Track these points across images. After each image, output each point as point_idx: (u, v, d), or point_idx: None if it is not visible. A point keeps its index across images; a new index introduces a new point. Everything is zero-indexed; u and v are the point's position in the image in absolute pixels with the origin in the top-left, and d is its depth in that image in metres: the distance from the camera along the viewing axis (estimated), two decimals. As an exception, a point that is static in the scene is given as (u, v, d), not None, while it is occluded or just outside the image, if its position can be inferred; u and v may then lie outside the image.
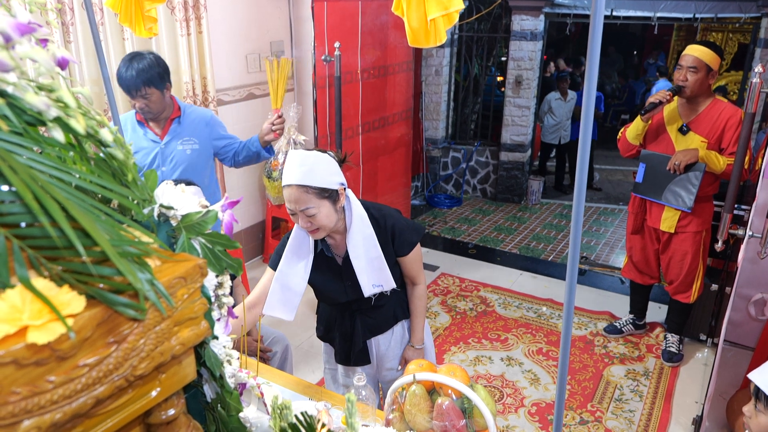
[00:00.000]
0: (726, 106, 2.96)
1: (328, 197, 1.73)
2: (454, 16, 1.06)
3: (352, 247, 1.81)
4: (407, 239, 1.88)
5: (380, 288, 1.87)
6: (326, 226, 1.75)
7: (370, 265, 1.83)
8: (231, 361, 0.95)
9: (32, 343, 0.55)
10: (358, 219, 1.81)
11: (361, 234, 1.81)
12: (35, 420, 0.57)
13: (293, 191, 1.69)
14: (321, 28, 3.29)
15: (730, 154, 2.91)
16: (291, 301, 1.87)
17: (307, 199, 1.69)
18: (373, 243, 1.82)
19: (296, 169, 1.69)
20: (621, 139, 3.25)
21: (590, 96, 0.85)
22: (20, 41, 0.57)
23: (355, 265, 1.82)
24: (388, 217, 1.88)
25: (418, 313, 2.02)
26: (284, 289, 1.86)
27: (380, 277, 1.85)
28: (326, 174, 1.71)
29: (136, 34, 1.75)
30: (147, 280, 0.63)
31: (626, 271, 3.55)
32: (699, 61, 2.89)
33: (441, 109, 6.41)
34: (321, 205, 1.71)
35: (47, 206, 0.53)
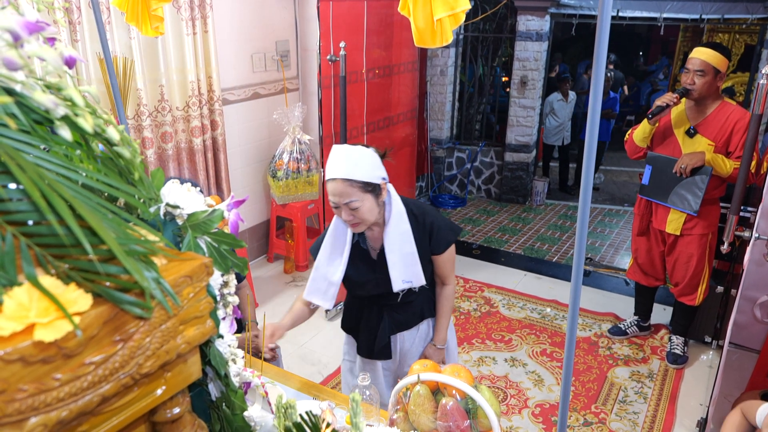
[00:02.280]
0: (734, 109, 2.92)
1: (372, 191, 1.77)
2: (461, 16, 1.06)
3: (388, 241, 1.84)
4: (444, 237, 1.92)
5: (409, 284, 1.89)
6: (368, 220, 1.79)
7: (402, 261, 1.86)
8: (236, 360, 0.95)
9: (39, 340, 0.55)
10: (397, 214, 1.84)
11: (398, 229, 1.84)
12: (41, 417, 0.57)
13: (338, 185, 1.73)
14: (326, 28, 3.28)
15: (737, 157, 2.88)
16: (329, 291, 1.92)
17: (352, 192, 1.73)
18: (408, 239, 1.85)
19: (341, 163, 1.73)
20: (628, 141, 3.23)
21: (596, 97, 0.85)
22: (29, 40, 0.57)
23: (388, 258, 1.85)
24: (427, 214, 1.91)
25: (443, 313, 2.04)
26: (323, 279, 1.93)
27: (411, 273, 1.87)
28: (370, 168, 1.76)
29: (143, 33, 1.76)
30: (153, 278, 0.63)
31: (631, 272, 3.53)
32: (706, 64, 2.86)
33: (446, 110, 6.41)
34: (364, 198, 1.75)
35: (55, 204, 0.53)
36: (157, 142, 3.52)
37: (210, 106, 3.75)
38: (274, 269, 4.50)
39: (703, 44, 3.00)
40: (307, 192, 4.26)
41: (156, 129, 3.50)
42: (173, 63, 3.47)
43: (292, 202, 4.27)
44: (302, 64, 4.59)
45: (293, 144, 4.14)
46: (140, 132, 3.37)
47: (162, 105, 3.49)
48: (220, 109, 3.79)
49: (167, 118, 3.52)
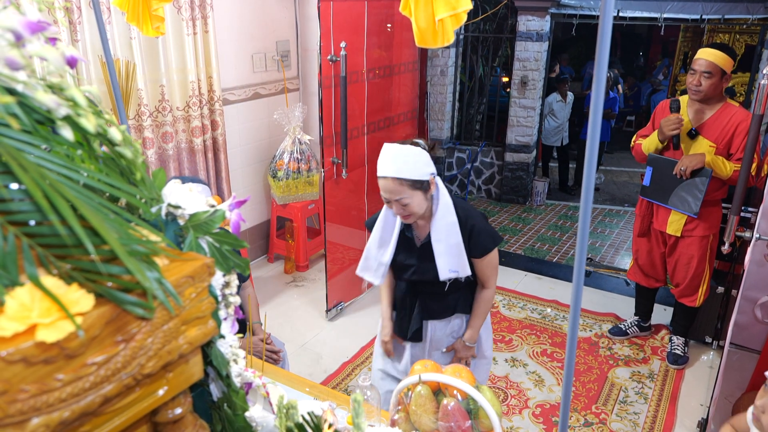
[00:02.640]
0: (737, 111, 2.90)
1: (421, 188, 1.85)
2: (462, 16, 1.06)
3: (435, 231, 1.92)
4: (482, 243, 1.97)
5: (456, 273, 1.95)
6: (417, 213, 1.88)
7: (449, 251, 1.92)
8: (237, 361, 0.95)
9: (41, 341, 0.55)
10: (444, 207, 1.92)
11: (445, 220, 1.92)
12: (43, 418, 0.57)
13: (389, 183, 1.82)
14: (327, 28, 3.28)
15: (738, 159, 2.86)
16: (379, 270, 2.05)
17: (402, 190, 1.81)
18: (455, 230, 1.92)
19: (391, 162, 1.81)
20: (636, 149, 3.22)
21: (598, 97, 0.85)
22: (30, 39, 0.57)
23: (435, 248, 1.92)
24: (470, 217, 1.97)
25: (479, 313, 2.10)
26: (374, 260, 2.05)
27: (458, 263, 1.94)
28: (419, 166, 1.82)
29: (144, 33, 1.75)
30: (155, 278, 0.63)
31: (632, 273, 3.53)
32: (714, 65, 2.84)
33: (446, 110, 6.40)
34: (414, 195, 1.84)
35: (57, 205, 0.53)
36: (158, 142, 3.52)
37: (210, 106, 3.75)
38: (275, 269, 4.50)
39: (709, 45, 2.97)
40: (308, 192, 4.26)
41: (156, 129, 3.50)
42: (174, 63, 3.47)
43: (293, 203, 4.27)
44: (303, 64, 4.59)
45: (294, 144, 4.14)
46: (141, 132, 3.37)
47: (162, 105, 3.49)
48: (221, 109, 3.79)
49: (168, 118, 3.52)
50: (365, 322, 3.78)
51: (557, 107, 6.57)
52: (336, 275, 3.80)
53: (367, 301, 4.05)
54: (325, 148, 3.47)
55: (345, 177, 3.64)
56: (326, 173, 3.53)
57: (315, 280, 4.31)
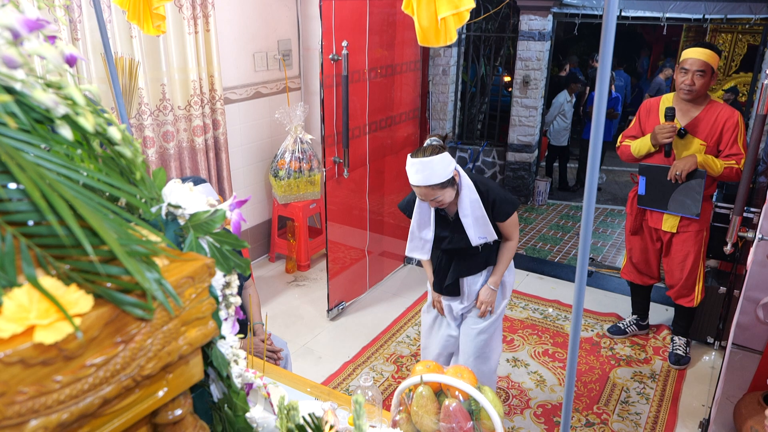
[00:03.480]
0: (723, 108, 2.95)
1: (449, 184, 2.19)
2: (465, 15, 1.05)
3: (462, 208, 2.28)
4: (503, 210, 2.33)
5: (484, 239, 2.33)
6: (447, 201, 2.24)
7: (476, 222, 2.29)
8: (238, 361, 0.95)
9: (39, 342, 0.54)
10: (467, 188, 2.26)
11: (469, 198, 2.26)
12: (42, 420, 0.56)
13: (423, 190, 2.18)
14: (329, 27, 3.27)
15: (727, 156, 2.92)
16: (425, 247, 2.42)
17: (434, 192, 2.17)
18: (479, 205, 2.27)
19: (420, 174, 2.14)
20: (623, 151, 3.22)
21: (602, 96, 0.84)
22: (28, 37, 0.56)
23: (464, 222, 2.29)
24: (490, 190, 2.31)
25: (502, 260, 2.47)
26: (418, 240, 2.42)
27: (485, 231, 2.31)
28: (443, 169, 2.15)
29: (145, 31, 1.75)
30: (155, 279, 0.63)
31: (626, 272, 3.52)
32: (706, 64, 2.88)
33: (448, 109, 6.40)
34: (444, 191, 2.19)
35: (55, 204, 0.52)
36: (159, 142, 3.52)
37: (212, 105, 3.75)
38: (276, 269, 4.50)
39: (697, 44, 3.00)
40: (309, 191, 4.25)
41: (157, 128, 3.50)
42: (175, 62, 3.46)
43: (294, 202, 4.27)
44: (304, 63, 4.58)
45: (295, 143, 4.13)
46: (142, 131, 3.37)
47: (163, 104, 3.48)
48: (222, 109, 3.78)
49: (169, 118, 3.51)
50: (367, 321, 3.78)
51: (568, 107, 6.57)
52: (337, 275, 3.79)
53: (369, 301, 4.05)
54: (326, 148, 3.46)
55: (346, 176, 3.63)
56: (328, 172, 3.52)
57: (316, 280, 4.31)
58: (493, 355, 2.61)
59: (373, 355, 3.42)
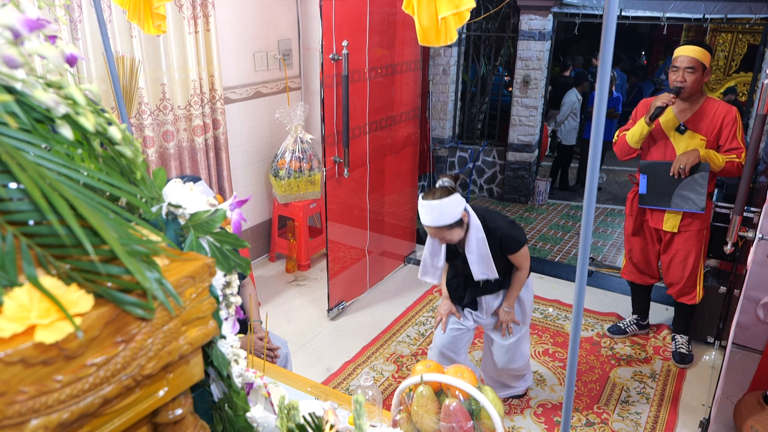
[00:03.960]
0: (720, 104, 2.97)
1: (458, 224, 2.34)
2: (465, 15, 1.05)
3: (468, 245, 2.42)
4: (510, 247, 2.50)
5: (486, 276, 2.49)
6: (456, 240, 2.40)
7: (480, 260, 2.44)
8: (238, 361, 0.95)
9: (40, 342, 0.54)
10: (474, 227, 2.41)
11: (476, 237, 2.41)
12: (42, 419, 0.56)
13: (433, 230, 2.35)
14: (329, 27, 3.27)
15: (727, 151, 2.94)
16: (435, 273, 2.60)
17: (443, 232, 2.34)
18: (484, 244, 2.42)
19: (429, 215, 2.29)
20: (619, 143, 3.21)
21: (602, 96, 0.84)
22: (29, 37, 0.56)
23: (468, 258, 2.44)
24: (497, 228, 2.46)
25: (515, 285, 2.65)
26: (430, 266, 2.59)
27: (488, 269, 2.46)
28: (452, 211, 2.29)
29: (145, 31, 1.75)
30: (155, 279, 0.63)
31: (626, 272, 3.52)
32: (696, 60, 2.91)
33: (448, 109, 6.40)
34: (453, 232, 2.35)
35: (55, 204, 0.52)
36: (159, 141, 3.52)
37: (212, 105, 3.75)
38: (276, 268, 4.50)
39: (686, 42, 3.05)
40: (309, 191, 4.25)
41: (157, 128, 3.50)
42: (175, 61, 3.46)
43: (294, 202, 4.27)
44: (304, 63, 4.58)
45: (295, 143, 4.13)
46: (142, 131, 3.37)
47: (163, 104, 3.48)
48: (222, 108, 3.78)
49: (169, 117, 3.51)
50: (367, 321, 3.78)
51: (578, 106, 6.60)
52: (338, 274, 3.79)
53: (369, 301, 4.05)
54: (326, 147, 3.46)
55: (347, 176, 3.63)
56: (328, 172, 3.52)
57: (316, 280, 4.31)
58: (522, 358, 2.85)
59: (373, 354, 3.42)
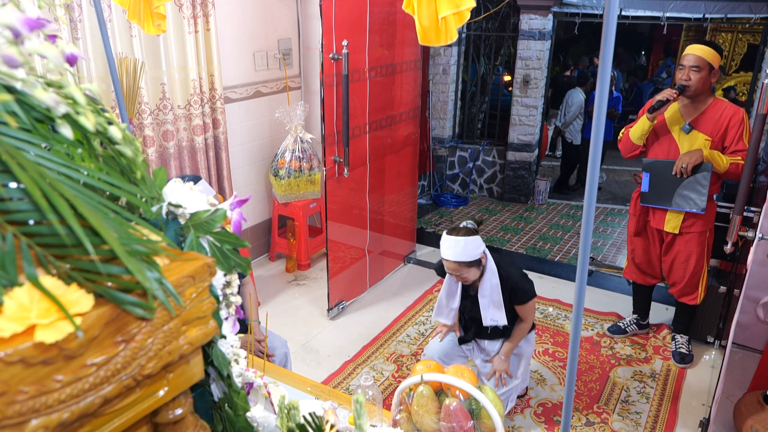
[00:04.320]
0: (727, 105, 2.96)
1: (475, 264, 2.42)
2: (465, 14, 1.05)
3: (482, 289, 2.51)
4: (519, 298, 2.55)
5: (495, 322, 2.55)
6: (471, 279, 2.47)
7: (491, 305, 2.52)
8: (239, 361, 0.95)
9: (40, 341, 0.54)
10: (490, 271, 2.49)
11: (490, 282, 2.49)
12: (42, 419, 0.56)
13: (451, 264, 2.41)
14: (329, 26, 3.27)
15: (732, 152, 2.92)
16: (450, 314, 2.71)
17: (461, 269, 2.41)
18: (497, 290, 2.49)
19: (452, 249, 2.38)
20: (623, 140, 3.22)
21: (602, 96, 0.84)
22: (29, 37, 0.56)
23: (480, 302, 2.53)
24: (510, 277, 2.53)
25: (514, 337, 2.68)
26: (445, 307, 2.70)
27: (498, 315, 2.53)
28: (473, 250, 2.38)
29: (145, 31, 1.75)
30: (155, 278, 0.63)
31: (628, 272, 3.52)
32: (702, 59, 2.89)
33: (448, 108, 6.39)
34: (470, 270, 2.42)
35: (55, 204, 0.52)
36: (159, 141, 3.52)
37: (212, 105, 3.75)
38: (276, 268, 4.50)
39: (696, 41, 3.03)
40: (309, 191, 4.25)
41: (157, 127, 3.50)
42: (175, 61, 3.46)
43: (294, 201, 4.26)
44: (304, 63, 4.58)
45: (295, 143, 4.13)
46: (141, 130, 3.36)
47: (163, 103, 3.48)
48: (222, 108, 3.78)
49: (169, 117, 3.51)
50: (367, 320, 3.78)
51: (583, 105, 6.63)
52: (337, 274, 3.79)
53: (369, 300, 4.05)
54: (326, 147, 3.46)
55: (347, 176, 3.63)
56: (328, 172, 3.52)
57: (316, 279, 4.31)
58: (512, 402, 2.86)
59: (373, 354, 3.42)
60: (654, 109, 2.97)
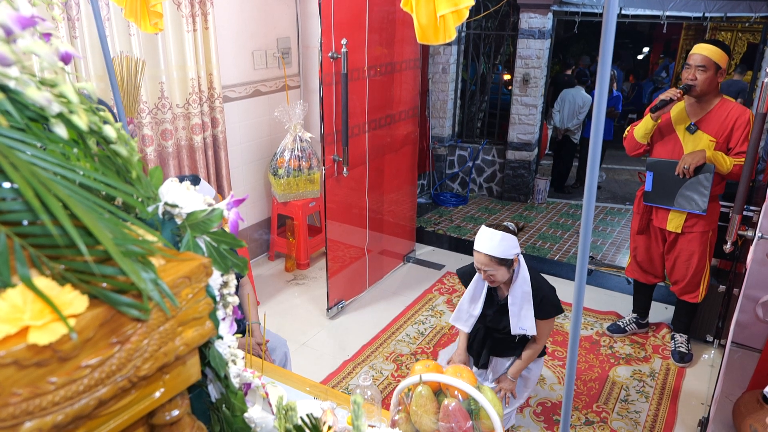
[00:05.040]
0: (734, 106, 2.94)
1: (506, 264, 2.36)
2: (464, 13, 1.04)
3: (512, 296, 2.44)
4: (546, 310, 2.47)
5: (524, 331, 2.45)
6: (499, 281, 2.41)
7: (521, 313, 2.44)
8: (236, 361, 0.94)
9: (33, 343, 0.54)
10: (522, 279, 2.42)
11: (522, 289, 2.42)
12: (36, 422, 0.56)
13: (482, 257, 2.34)
14: (328, 25, 3.26)
15: (737, 154, 2.90)
16: (468, 321, 2.57)
17: (490, 264, 2.34)
18: (528, 298, 2.42)
19: (488, 242, 2.32)
20: (627, 138, 3.22)
21: (602, 94, 0.84)
22: (22, 35, 0.55)
23: (510, 309, 2.44)
24: (541, 288, 2.47)
25: (524, 358, 2.59)
26: (465, 312, 2.58)
27: (528, 324, 2.44)
28: (508, 248, 2.33)
29: (142, 29, 1.74)
30: (151, 279, 0.62)
31: (630, 271, 3.52)
32: (708, 59, 2.87)
33: (447, 107, 6.39)
34: (499, 269, 2.36)
35: (48, 204, 0.52)
36: (157, 140, 3.51)
37: (210, 104, 3.74)
38: (275, 267, 4.49)
39: (704, 41, 3.00)
40: (309, 190, 4.25)
41: (156, 126, 3.49)
42: (173, 60, 3.45)
43: (294, 200, 4.26)
44: (303, 61, 4.57)
45: (294, 142, 4.12)
46: (140, 129, 3.36)
47: (162, 102, 3.47)
48: (221, 107, 3.77)
49: (167, 116, 3.50)
50: (366, 320, 3.77)
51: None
52: (337, 273, 3.79)
53: (368, 300, 4.04)
54: (326, 146, 3.45)
55: (346, 175, 3.63)
56: (327, 171, 3.52)
57: (316, 278, 4.31)
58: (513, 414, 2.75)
59: (372, 353, 3.41)
60: (657, 108, 2.96)
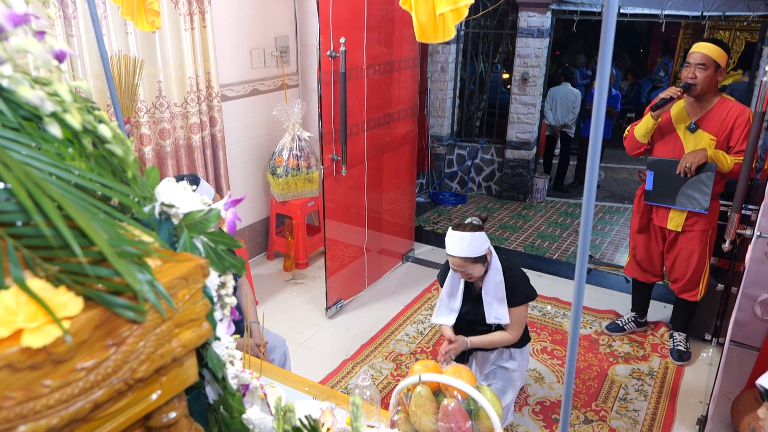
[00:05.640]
0: (734, 105, 2.94)
1: (480, 261, 2.41)
2: (464, 11, 1.03)
3: (486, 286, 2.49)
4: (517, 298, 2.51)
5: (498, 320, 2.50)
6: (475, 276, 2.47)
7: (495, 302, 2.49)
8: (234, 362, 0.93)
9: (27, 346, 0.53)
10: (494, 269, 2.48)
11: (494, 279, 2.48)
12: (31, 425, 0.55)
13: (457, 260, 2.40)
14: (326, 23, 3.25)
15: (737, 152, 2.90)
16: (450, 315, 2.61)
17: (466, 264, 2.39)
18: (501, 287, 2.48)
19: (458, 245, 2.37)
20: (628, 138, 3.21)
21: (601, 93, 0.83)
22: (14, 32, 0.55)
23: (485, 299, 2.49)
24: (513, 276, 2.52)
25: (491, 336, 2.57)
26: (446, 308, 2.63)
27: (501, 312, 2.49)
28: (479, 246, 2.37)
29: (138, 27, 1.73)
30: (147, 281, 0.61)
31: (629, 269, 3.52)
32: (708, 58, 2.87)
33: (446, 106, 6.38)
34: (475, 266, 2.41)
35: (42, 204, 0.51)
36: (155, 139, 3.50)
37: (209, 103, 3.73)
38: (274, 267, 4.48)
39: (703, 39, 3.00)
40: (307, 189, 4.24)
41: (154, 126, 3.48)
42: (171, 59, 3.44)
43: (292, 200, 4.25)
44: (302, 60, 4.56)
45: (293, 141, 4.11)
46: (138, 128, 3.34)
47: (160, 101, 3.46)
48: (219, 106, 3.76)
49: (165, 115, 3.49)
50: (365, 319, 3.77)
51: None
52: (336, 272, 3.78)
53: (367, 299, 4.04)
54: (324, 145, 3.45)
55: (345, 174, 3.62)
56: (326, 170, 3.51)
57: (315, 278, 4.30)
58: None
59: (371, 353, 3.41)
60: (657, 107, 2.96)
